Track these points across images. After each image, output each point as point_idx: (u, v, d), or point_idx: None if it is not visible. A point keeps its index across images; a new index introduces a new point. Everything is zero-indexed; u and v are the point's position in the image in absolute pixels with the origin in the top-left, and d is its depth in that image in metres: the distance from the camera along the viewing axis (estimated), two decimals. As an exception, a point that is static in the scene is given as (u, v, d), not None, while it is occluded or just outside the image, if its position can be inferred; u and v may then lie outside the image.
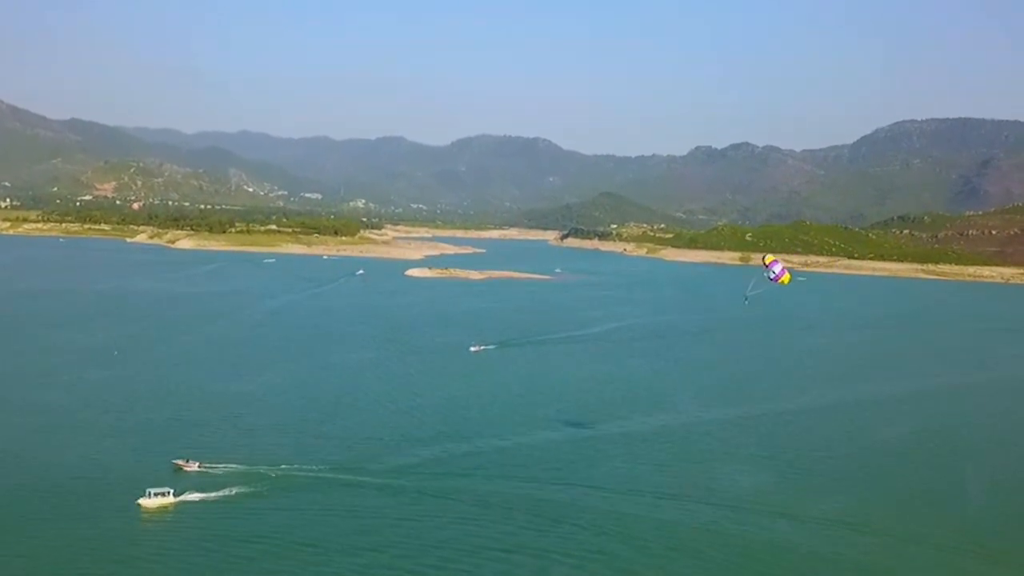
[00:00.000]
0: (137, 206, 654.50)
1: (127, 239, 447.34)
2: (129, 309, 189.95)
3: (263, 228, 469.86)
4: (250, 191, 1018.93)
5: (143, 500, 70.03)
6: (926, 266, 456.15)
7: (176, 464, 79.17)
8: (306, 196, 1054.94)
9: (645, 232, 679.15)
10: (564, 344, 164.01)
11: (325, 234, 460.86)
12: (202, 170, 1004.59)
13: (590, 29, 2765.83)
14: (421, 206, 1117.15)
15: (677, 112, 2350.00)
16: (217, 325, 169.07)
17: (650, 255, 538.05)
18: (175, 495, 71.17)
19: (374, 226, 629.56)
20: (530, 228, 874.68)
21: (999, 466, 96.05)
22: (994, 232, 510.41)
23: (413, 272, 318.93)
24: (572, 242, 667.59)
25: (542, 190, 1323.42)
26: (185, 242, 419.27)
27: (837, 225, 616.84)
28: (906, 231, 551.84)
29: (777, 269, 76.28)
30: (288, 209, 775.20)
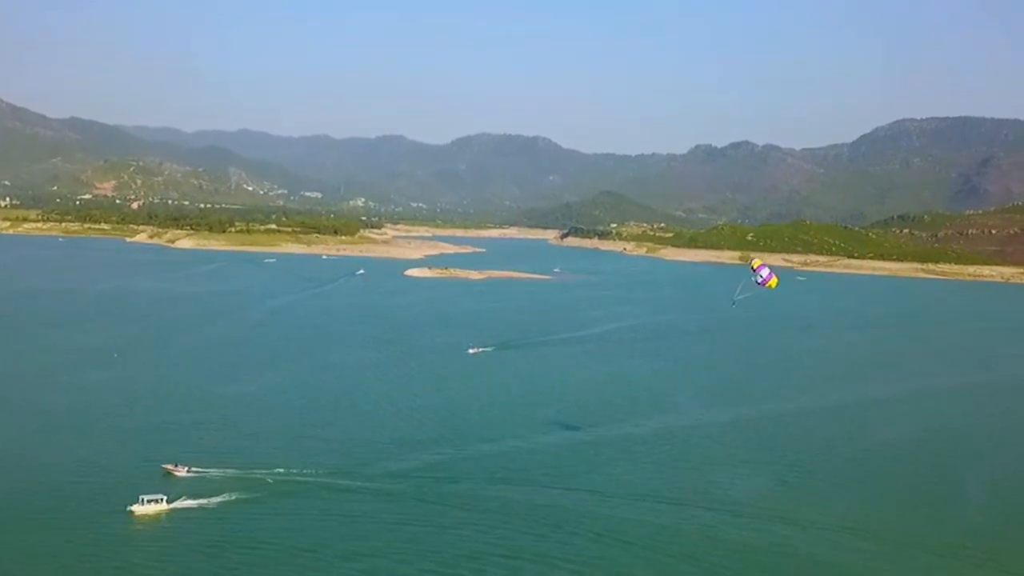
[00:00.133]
0: (136, 205, 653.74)
1: (127, 239, 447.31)
2: (129, 309, 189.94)
3: (263, 228, 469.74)
4: (250, 190, 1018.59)
5: (136, 507, 69.12)
6: (926, 265, 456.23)
7: (165, 469, 78.16)
8: (306, 195, 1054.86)
9: (645, 231, 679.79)
10: (563, 345, 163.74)
11: (325, 233, 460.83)
12: (202, 169, 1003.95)
13: (590, 28, 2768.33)
14: (421, 205, 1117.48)
15: (677, 111, 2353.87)
16: (217, 326, 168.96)
17: (650, 254, 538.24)
18: (168, 502, 70.23)
19: (374, 225, 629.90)
20: (530, 227, 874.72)
21: (1000, 468, 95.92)
22: (994, 231, 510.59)
23: (413, 272, 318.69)
24: (572, 241, 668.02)
25: (542, 189, 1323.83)
26: (185, 242, 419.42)
27: (837, 224, 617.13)
28: (906, 230, 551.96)
29: (764, 273, 76.56)
30: (288, 208, 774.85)
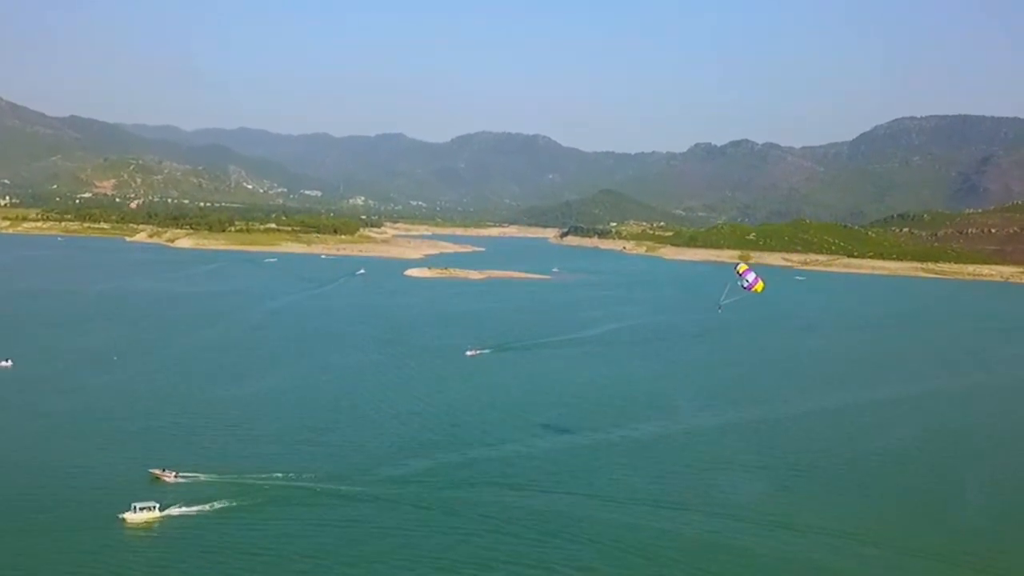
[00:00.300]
0: (135, 205, 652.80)
1: (127, 238, 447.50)
2: (129, 310, 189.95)
3: (263, 227, 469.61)
4: (249, 188, 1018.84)
5: (128, 514, 68.14)
6: (926, 265, 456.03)
7: (153, 474, 77.44)
8: (306, 193, 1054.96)
9: (644, 230, 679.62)
10: (562, 347, 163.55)
11: (324, 233, 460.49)
12: (201, 167, 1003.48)
13: (590, 27, 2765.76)
14: (421, 203, 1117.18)
15: (677, 109, 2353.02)
16: (217, 327, 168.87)
17: (649, 253, 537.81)
18: (161, 509, 69.35)
19: (373, 224, 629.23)
20: (530, 225, 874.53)
21: (1002, 471, 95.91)
22: (993, 231, 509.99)
23: (413, 272, 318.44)
24: (572, 240, 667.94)
25: (542, 187, 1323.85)
26: (184, 241, 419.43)
27: (837, 223, 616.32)
28: (906, 229, 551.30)
29: (750, 278, 77.26)
30: (288, 207, 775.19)
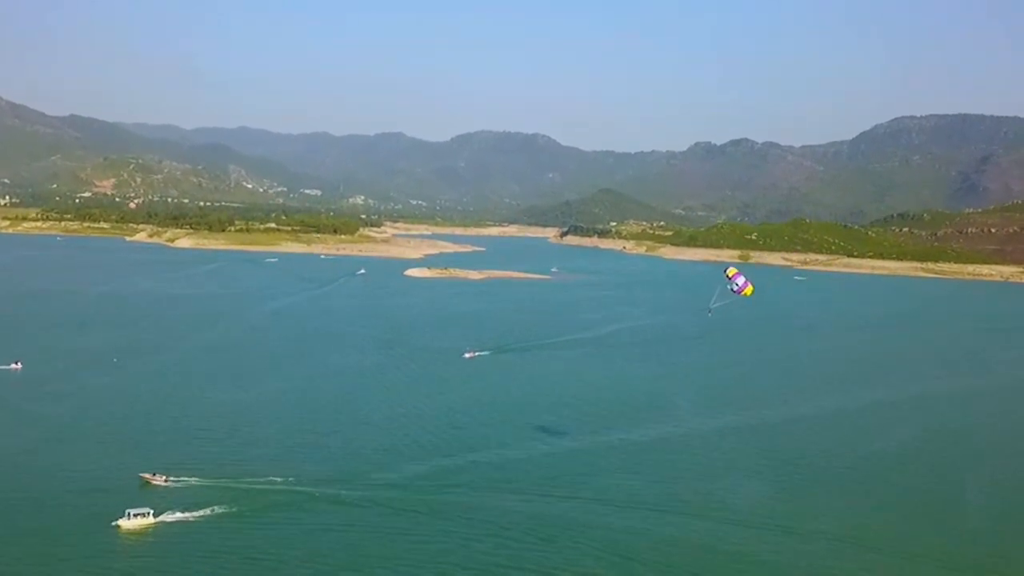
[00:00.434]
0: (134, 205, 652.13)
1: (126, 238, 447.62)
2: (129, 310, 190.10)
3: (262, 227, 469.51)
4: (249, 187, 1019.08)
5: (122, 521, 67.48)
6: (925, 264, 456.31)
7: (143, 478, 76.87)
8: (305, 192, 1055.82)
9: (644, 230, 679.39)
10: (561, 348, 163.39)
11: (324, 232, 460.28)
12: (201, 166, 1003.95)
13: (590, 26, 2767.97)
14: (420, 202, 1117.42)
15: (677, 109, 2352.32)
16: (217, 328, 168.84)
17: (649, 253, 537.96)
18: (155, 515, 68.58)
19: (373, 223, 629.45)
20: (529, 225, 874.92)
21: (1002, 472, 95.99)
22: (993, 230, 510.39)
23: (412, 272, 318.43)
24: (571, 240, 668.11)
25: (541, 186, 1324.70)
26: (184, 241, 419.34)
27: (837, 223, 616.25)
28: (905, 229, 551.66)
29: (740, 282, 77.77)
30: (287, 206, 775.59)
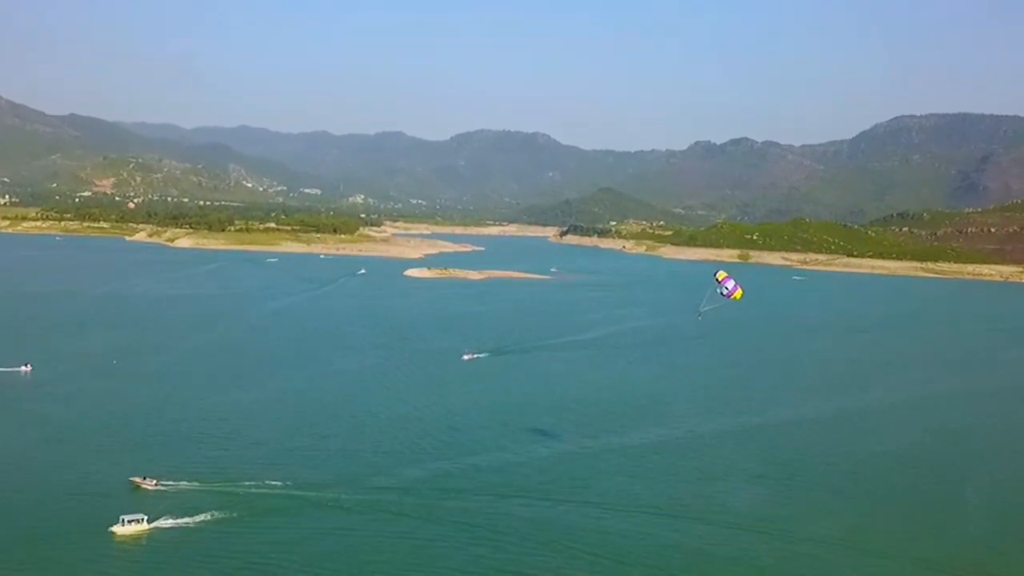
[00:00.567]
0: (133, 204, 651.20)
1: (126, 237, 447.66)
2: (129, 311, 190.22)
3: (262, 226, 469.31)
4: (249, 187, 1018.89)
5: (116, 527, 66.76)
6: (925, 264, 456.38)
7: (133, 482, 76.30)
8: (305, 191, 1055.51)
9: (644, 229, 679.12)
10: (561, 350, 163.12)
11: (324, 232, 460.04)
12: (201, 165, 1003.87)
13: (590, 26, 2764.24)
14: (420, 201, 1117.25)
15: (676, 108, 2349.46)
16: (216, 329, 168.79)
17: (649, 253, 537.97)
18: (149, 521, 67.97)
19: (373, 223, 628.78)
20: (529, 224, 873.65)
21: (1002, 473, 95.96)
22: (993, 230, 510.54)
23: (412, 272, 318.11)
24: (571, 239, 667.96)
25: (541, 185, 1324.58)
26: (184, 240, 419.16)
27: (836, 223, 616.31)
28: (905, 228, 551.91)
29: (730, 286, 78.28)
30: (287, 205, 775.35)
